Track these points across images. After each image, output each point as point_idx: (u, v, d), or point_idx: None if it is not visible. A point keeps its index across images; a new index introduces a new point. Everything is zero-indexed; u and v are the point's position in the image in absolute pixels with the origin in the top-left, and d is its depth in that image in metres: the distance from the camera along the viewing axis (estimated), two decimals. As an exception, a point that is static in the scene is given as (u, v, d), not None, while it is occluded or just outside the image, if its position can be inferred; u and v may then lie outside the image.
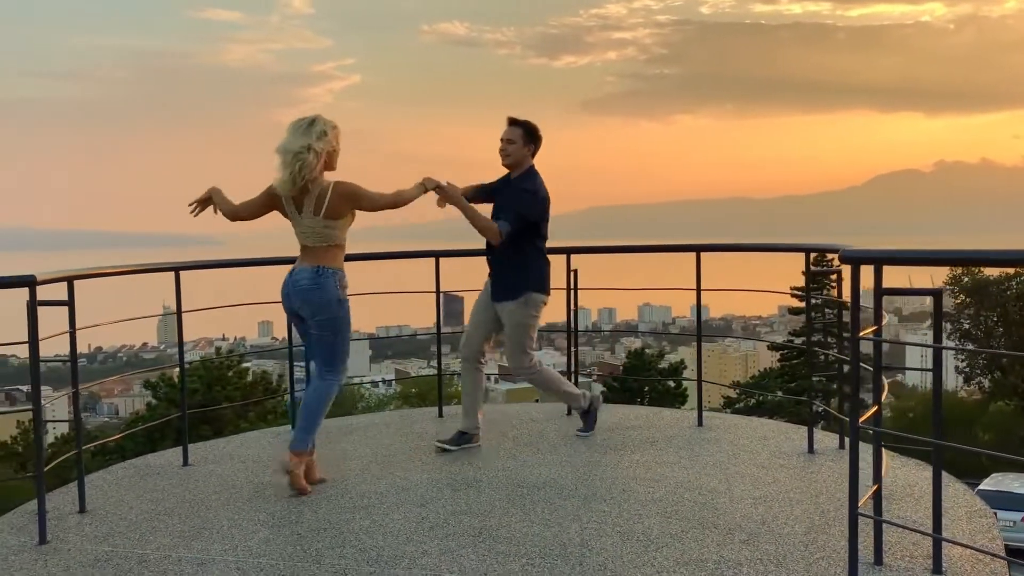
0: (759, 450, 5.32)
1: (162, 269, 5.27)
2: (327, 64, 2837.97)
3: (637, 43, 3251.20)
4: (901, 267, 3.22)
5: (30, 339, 4.07)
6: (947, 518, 4.02)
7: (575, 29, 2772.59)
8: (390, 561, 3.68)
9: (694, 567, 3.52)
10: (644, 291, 7.42)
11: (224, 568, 3.68)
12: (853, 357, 3.12)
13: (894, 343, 3.32)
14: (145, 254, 38.62)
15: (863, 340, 3.15)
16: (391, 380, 58.98)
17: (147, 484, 5.03)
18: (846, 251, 3.07)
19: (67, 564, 3.80)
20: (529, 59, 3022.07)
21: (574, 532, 3.95)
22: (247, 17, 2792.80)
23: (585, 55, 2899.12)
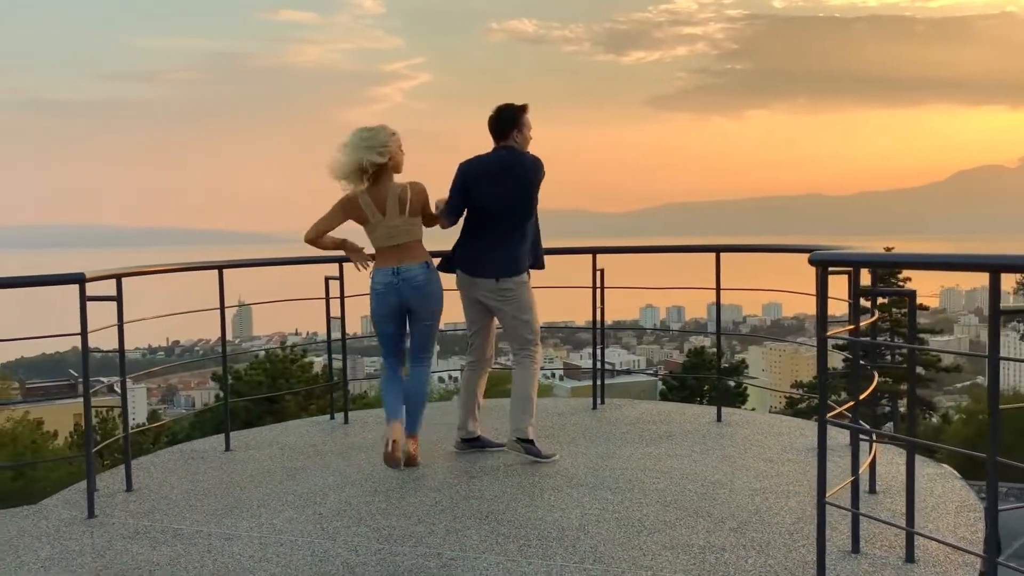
0: (771, 445, 5.48)
1: (205, 267, 5.65)
2: (397, 63, 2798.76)
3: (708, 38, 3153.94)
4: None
5: (82, 331, 4.47)
6: (936, 512, 4.17)
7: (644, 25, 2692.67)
8: (399, 539, 3.98)
9: (679, 551, 3.74)
10: (666, 290, 7.58)
11: (248, 543, 4.02)
12: (820, 354, 3.30)
13: (869, 343, 3.48)
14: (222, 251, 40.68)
15: (831, 338, 3.32)
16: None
17: (190, 467, 5.42)
18: (815, 254, 3.25)
19: (109, 536, 4.19)
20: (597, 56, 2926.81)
21: (574, 518, 4.19)
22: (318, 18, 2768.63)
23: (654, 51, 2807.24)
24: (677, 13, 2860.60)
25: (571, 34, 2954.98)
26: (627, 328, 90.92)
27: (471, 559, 3.71)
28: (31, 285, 4.29)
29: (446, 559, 3.73)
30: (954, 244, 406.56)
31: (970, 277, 40.03)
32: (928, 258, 2.89)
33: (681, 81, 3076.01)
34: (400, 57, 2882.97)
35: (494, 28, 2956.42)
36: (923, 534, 3.55)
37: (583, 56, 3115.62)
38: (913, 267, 3.23)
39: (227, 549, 3.95)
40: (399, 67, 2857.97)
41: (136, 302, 5.04)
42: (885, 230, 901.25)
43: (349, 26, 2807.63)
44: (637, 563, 3.62)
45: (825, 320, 3.29)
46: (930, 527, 3.92)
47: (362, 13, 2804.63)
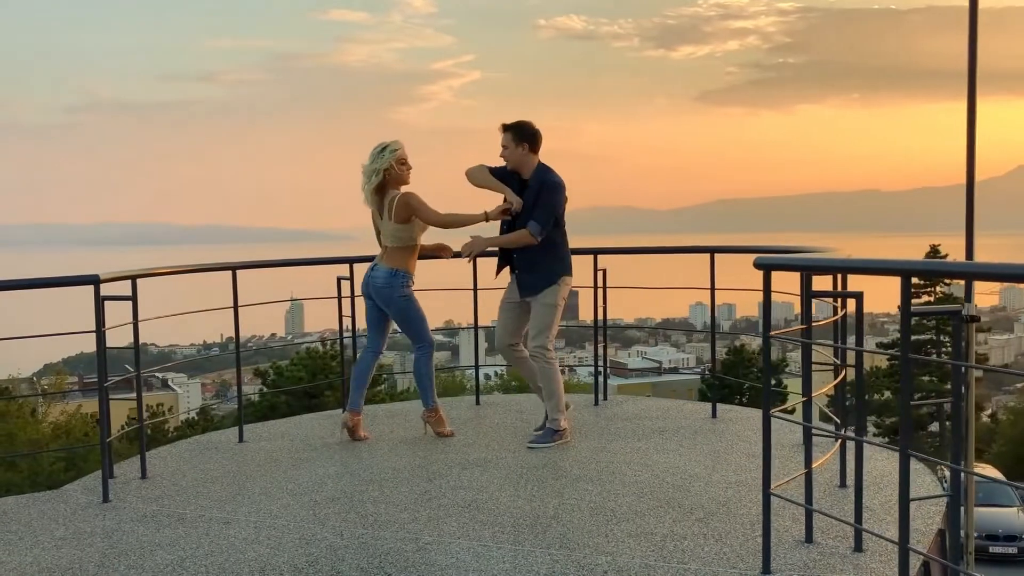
0: (757, 441, 5.63)
1: (220, 268, 5.97)
2: (447, 62, 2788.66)
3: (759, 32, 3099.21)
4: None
5: (97, 329, 4.81)
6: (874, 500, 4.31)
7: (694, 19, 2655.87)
8: (383, 525, 4.24)
9: (642, 539, 3.95)
10: (665, 290, 7.74)
11: (244, 526, 4.31)
12: (765, 354, 3.49)
13: (816, 343, 3.66)
14: (277, 249, 41.41)
15: (775, 338, 3.51)
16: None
17: (203, 457, 5.75)
18: (759, 258, 3.44)
19: (119, 519, 4.52)
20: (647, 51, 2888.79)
21: (551, 507, 4.42)
22: (370, 17, 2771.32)
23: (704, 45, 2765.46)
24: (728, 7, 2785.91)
25: (620, 30, 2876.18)
26: (630, 327, 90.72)
27: (446, 544, 3.96)
28: (48, 286, 4.63)
29: (422, 544, 3.98)
30: (1007, 239, 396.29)
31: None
32: (847, 263, 3.07)
33: (732, 76, 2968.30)
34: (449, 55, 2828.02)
35: (542, 25, 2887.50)
36: (863, 528, 3.72)
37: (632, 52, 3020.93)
38: (830, 271, 3.41)
39: (224, 532, 4.25)
40: (448, 65, 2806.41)
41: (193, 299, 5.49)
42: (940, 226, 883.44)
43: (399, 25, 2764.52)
44: (600, 549, 3.84)
45: (769, 320, 3.47)
46: (888, 519, 4.08)
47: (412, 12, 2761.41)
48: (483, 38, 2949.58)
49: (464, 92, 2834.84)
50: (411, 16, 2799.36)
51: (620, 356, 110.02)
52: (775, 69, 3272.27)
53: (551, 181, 5.64)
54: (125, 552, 4.04)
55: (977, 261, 3.17)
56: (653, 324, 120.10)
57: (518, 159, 5.66)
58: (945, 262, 2.79)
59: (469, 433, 6.08)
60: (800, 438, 5.68)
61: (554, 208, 5.62)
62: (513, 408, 6.93)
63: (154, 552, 4.02)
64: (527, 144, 5.64)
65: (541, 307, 5.69)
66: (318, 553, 3.92)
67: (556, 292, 5.68)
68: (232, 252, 19.49)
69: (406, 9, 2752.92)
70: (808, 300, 3.76)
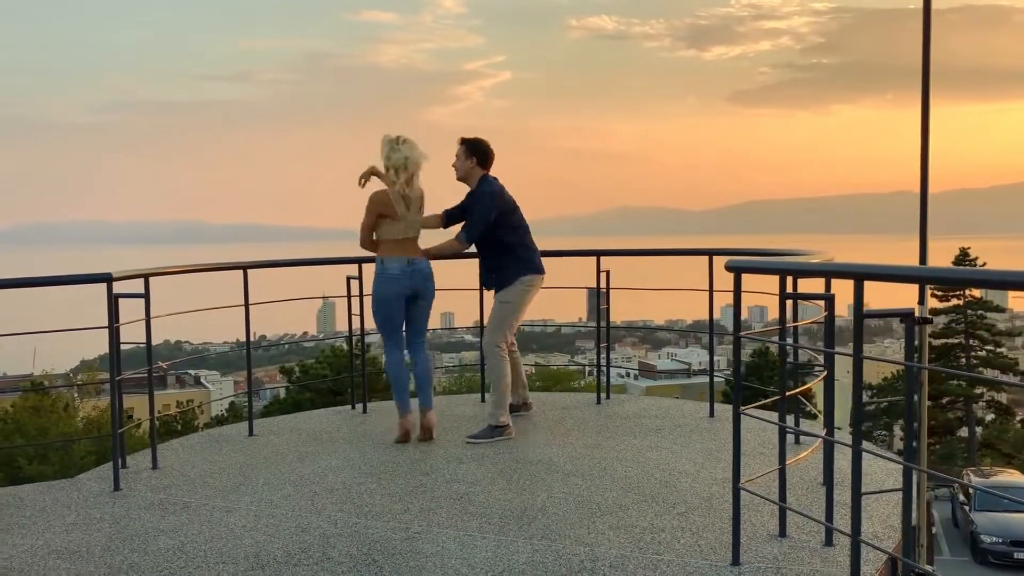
0: (750, 440, 5.75)
1: (231, 267, 6.19)
2: (478, 62, 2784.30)
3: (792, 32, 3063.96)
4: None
5: (110, 325, 5.04)
6: (879, 502, 4.42)
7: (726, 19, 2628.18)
8: (376, 515, 4.42)
9: (622, 531, 4.09)
10: (667, 291, 7.82)
11: (244, 515, 4.51)
12: (735, 353, 3.62)
13: (795, 345, 3.78)
14: (312, 248, 41.71)
15: (744, 338, 3.64)
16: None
17: (213, 449, 5.96)
18: (731, 261, 3.58)
19: (128, 507, 4.74)
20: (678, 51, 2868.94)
21: (540, 500, 4.58)
22: (401, 18, 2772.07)
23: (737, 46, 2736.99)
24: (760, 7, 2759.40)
25: (652, 30, 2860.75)
26: (636, 328, 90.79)
27: (434, 534, 4.13)
28: (61, 284, 4.86)
29: (411, 533, 4.15)
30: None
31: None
32: (800, 266, 3.20)
33: (765, 76, 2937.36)
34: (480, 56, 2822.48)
35: (573, 25, 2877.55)
36: (823, 522, 3.83)
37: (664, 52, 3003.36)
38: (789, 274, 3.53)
39: (224, 519, 4.45)
40: (479, 66, 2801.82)
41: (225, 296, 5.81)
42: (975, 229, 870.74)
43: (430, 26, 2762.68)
44: (580, 540, 3.99)
45: (739, 320, 3.60)
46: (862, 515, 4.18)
47: (443, 13, 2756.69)
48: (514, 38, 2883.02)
49: (495, 92, 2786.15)
50: (442, 16, 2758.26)
51: (650, 358, 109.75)
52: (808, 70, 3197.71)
53: (479, 191, 5.99)
54: (130, 537, 4.25)
55: (929, 265, 3.27)
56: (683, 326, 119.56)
57: (466, 171, 6.04)
58: (897, 266, 2.92)
59: (471, 429, 6.24)
60: (791, 438, 5.81)
61: (480, 216, 5.93)
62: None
63: (157, 537, 4.23)
64: (476, 158, 6.02)
65: (497, 304, 6.09)
66: (311, 540, 4.11)
67: (512, 291, 6.03)
68: (264, 250, 19.93)
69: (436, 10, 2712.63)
70: (784, 302, 3.89)
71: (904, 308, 3.02)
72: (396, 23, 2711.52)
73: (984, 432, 36.47)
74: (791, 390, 4.06)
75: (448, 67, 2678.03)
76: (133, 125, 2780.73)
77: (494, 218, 5.94)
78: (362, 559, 3.86)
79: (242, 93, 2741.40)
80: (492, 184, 6.00)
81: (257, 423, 6.59)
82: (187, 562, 3.91)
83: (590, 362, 28.09)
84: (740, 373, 3.67)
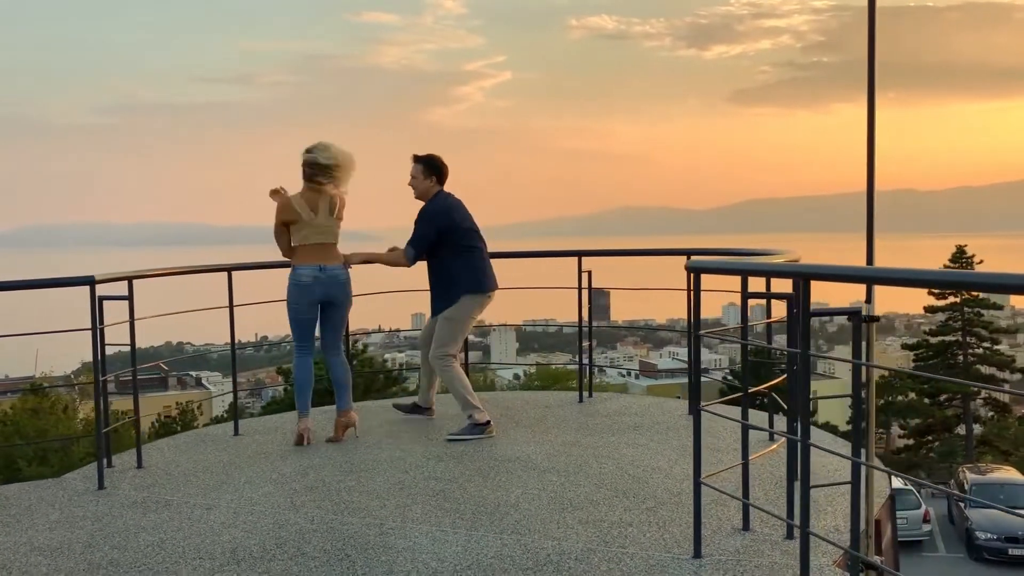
0: (726, 436, 5.86)
1: (216, 269, 6.29)
2: (478, 62, 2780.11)
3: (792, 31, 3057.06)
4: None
5: (92, 327, 5.14)
6: (841, 498, 4.51)
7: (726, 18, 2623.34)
8: (352, 512, 4.52)
9: (590, 525, 4.19)
10: (644, 291, 7.90)
11: (223, 512, 4.61)
12: (694, 352, 3.72)
13: (759, 345, 3.88)
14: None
15: (704, 336, 3.74)
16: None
17: (199, 448, 6.07)
18: (690, 262, 3.67)
19: (111, 505, 4.84)
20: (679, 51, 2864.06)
21: (514, 496, 4.68)
22: (402, 19, 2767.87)
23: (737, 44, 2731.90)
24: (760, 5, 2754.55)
25: (652, 29, 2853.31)
26: (615, 327, 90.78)
27: (407, 529, 4.23)
28: (44, 287, 4.96)
29: (385, 529, 4.25)
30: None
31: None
32: (747, 266, 3.30)
33: (765, 75, 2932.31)
34: (481, 56, 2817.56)
35: (574, 25, 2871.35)
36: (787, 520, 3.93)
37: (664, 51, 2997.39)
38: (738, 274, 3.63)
39: (204, 516, 4.55)
40: (480, 66, 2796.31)
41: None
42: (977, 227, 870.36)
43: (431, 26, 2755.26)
44: (549, 534, 4.09)
45: (699, 320, 3.70)
46: (829, 509, 4.28)
47: (444, 13, 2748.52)
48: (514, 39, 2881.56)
49: (496, 93, 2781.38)
50: (442, 17, 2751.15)
51: (652, 357, 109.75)
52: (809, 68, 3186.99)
53: (427, 208, 6.09)
54: (111, 534, 4.36)
55: (877, 266, 3.36)
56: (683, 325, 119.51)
57: (424, 189, 6.12)
58: (841, 267, 3.01)
59: (453, 428, 6.33)
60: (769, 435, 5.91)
61: (423, 233, 6.05)
62: (502, 404, 7.18)
63: (138, 535, 4.33)
64: (436, 177, 6.13)
65: (441, 321, 6.18)
66: (287, 536, 4.21)
67: (456, 308, 6.13)
68: (267, 252, 20.12)
69: (437, 10, 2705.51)
70: (745, 301, 3.98)
71: (851, 306, 3.11)
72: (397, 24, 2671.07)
73: (983, 429, 36.55)
74: (755, 387, 4.16)
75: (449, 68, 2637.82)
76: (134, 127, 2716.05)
77: (437, 236, 6.02)
78: (335, 554, 3.96)
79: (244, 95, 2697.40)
80: (445, 200, 6.10)
81: (243, 423, 6.70)
82: (165, 558, 4.01)
83: (571, 360, 28.07)
84: (699, 371, 3.77)
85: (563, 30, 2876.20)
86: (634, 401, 7.22)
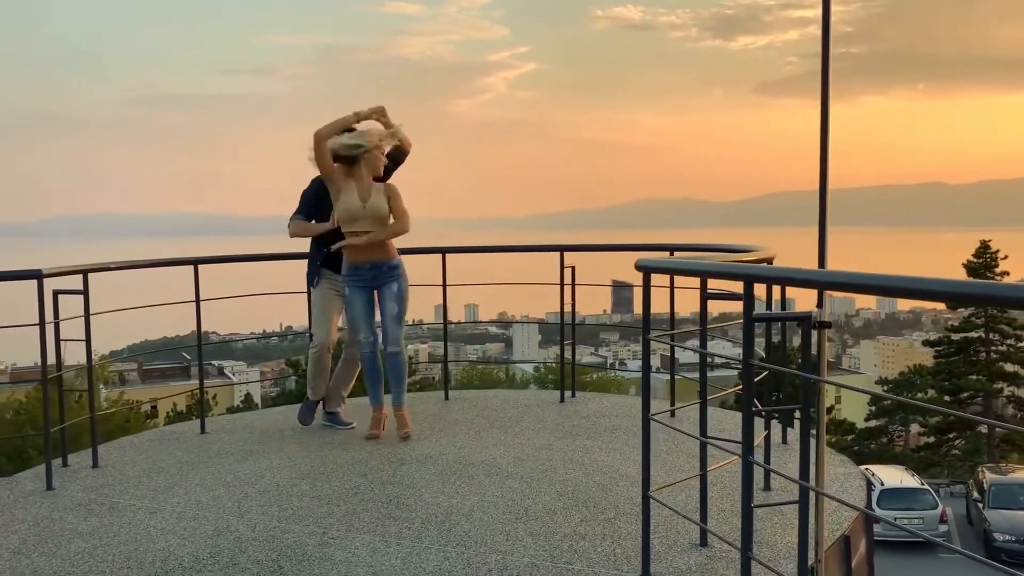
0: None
1: (181, 263, 6.10)
2: (502, 53, 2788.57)
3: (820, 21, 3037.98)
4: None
5: (40, 323, 4.96)
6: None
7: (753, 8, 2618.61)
8: (297, 519, 4.31)
9: (541, 538, 3.96)
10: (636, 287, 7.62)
11: (166, 516, 4.42)
12: (644, 356, 3.47)
13: (706, 352, 3.63)
14: None
15: (654, 341, 3.49)
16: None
17: (160, 447, 5.89)
18: (640, 261, 3.43)
19: (53, 507, 4.66)
20: (704, 41, 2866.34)
21: (469, 504, 4.45)
22: (426, 9, 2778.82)
23: (764, 35, 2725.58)
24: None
25: (677, 20, 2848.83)
26: (602, 326, 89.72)
27: (349, 539, 4.02)
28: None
29: (327, 538, 4.04)
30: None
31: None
32: (691, 265, 3.05)
33: (792, 66, 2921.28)
34: (505, 46, 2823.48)
35: (599, 15, 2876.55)
36: (709, 530, 3.68)
37: (690, 42, 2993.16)
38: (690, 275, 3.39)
39: (145, 521, 4.36)
40: (504, 57, 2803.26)
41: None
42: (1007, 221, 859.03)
43: (455, 17, 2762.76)
44: (495, 547, 3.86)
45: (648, 321, 3.45)
46: (790, 524, 4.03)
47: (467, 4, 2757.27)
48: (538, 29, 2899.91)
49: (519, 84, 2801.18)
50: (466, 8, 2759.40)
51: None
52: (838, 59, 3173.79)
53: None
54: (44, 539, 4.18)
55: (828, 269, 3.11)
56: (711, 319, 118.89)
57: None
58: (789, 268, 2.76)
59: (425, 428, 6.12)
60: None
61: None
62: (479, 403, 6.96)
63: (71, 540, 4.15)
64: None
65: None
66: (224, 544, 4.01)
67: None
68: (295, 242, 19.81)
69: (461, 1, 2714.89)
70: (704, 302, 3.74)
71: (801, 312, 2.86)
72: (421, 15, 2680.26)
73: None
74: (713, 394, 3.91)
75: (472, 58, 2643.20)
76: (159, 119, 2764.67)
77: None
78: (269, 565, 3.76)
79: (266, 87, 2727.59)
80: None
81: (213, 420, 6.52)
82: (94, 566, 3.82)
83: (555, 359, 27.38)
84: (649, 376, 3.53)
85: (588, 20, 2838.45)
86: (618, 402, 6.97)
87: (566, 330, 7.03)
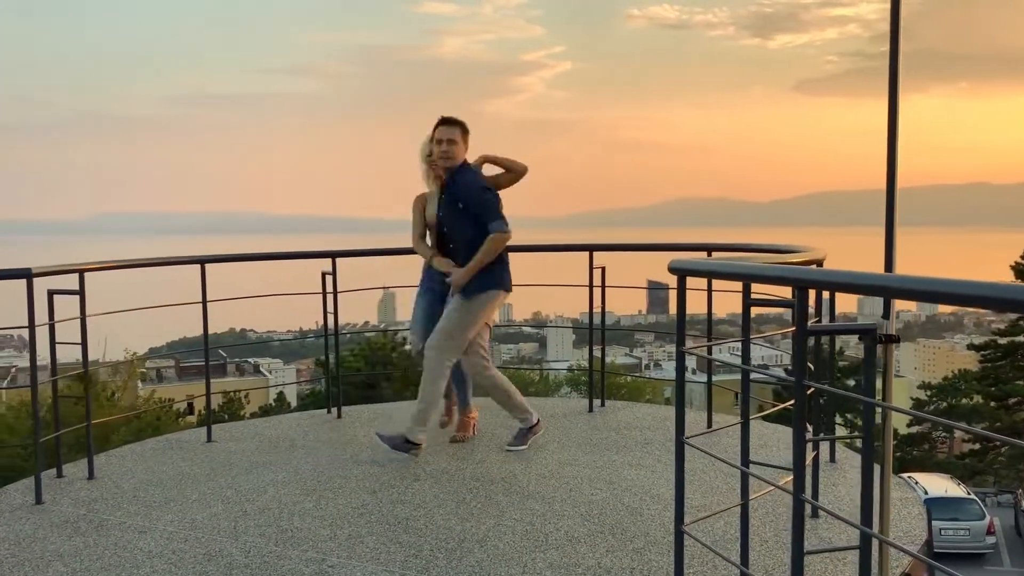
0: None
1: (187, 262, 5.76)
2: (538, 53, 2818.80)
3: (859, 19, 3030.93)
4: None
5: (29, 324, 4.63)
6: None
7: (791, 7, 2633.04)
8: (297, 543, 3.93)
9: (563, 571, 3.55)
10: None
11: (155, 536, 4.07)
12: (678, 371, 3.05)
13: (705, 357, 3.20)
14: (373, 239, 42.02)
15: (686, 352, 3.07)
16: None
17: (162, 457, 5.55)
18: (673, 262, 3.01)
19: (39, 524, 4.33)
20: (742, 40, 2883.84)
21: (484, 529, 4.05)
22: (461, 8, 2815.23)
23: (802, 33, 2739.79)
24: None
25: (714, 18, 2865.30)
26: (633, 329, 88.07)
27: (350, 568, 3.64)
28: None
29: (325, 566, 3.66)
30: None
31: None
32: (732, 268, 2.62)
33: (832, 65, 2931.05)
34: (540, 46, 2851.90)
35: (635, 15, 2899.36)
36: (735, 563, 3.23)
37: (727, 41, 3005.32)
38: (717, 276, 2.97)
39: (132, 542, 4.01)
40: (540, 56, 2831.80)
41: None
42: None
43: (490, 16, 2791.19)
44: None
45: (684, 329, 3.03)
46: (847, 557, 3.59)
47: (503, 3, 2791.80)
48: (574, 28, 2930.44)
49: (555, 83, 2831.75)
50: (501, 7, 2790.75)
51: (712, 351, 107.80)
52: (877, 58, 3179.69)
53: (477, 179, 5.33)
54: (23, 562, 3.84)
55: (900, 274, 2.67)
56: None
57: (461, 155, 5.34)
58: (852, 273, 2.33)
59: (443, 438, 5.74)
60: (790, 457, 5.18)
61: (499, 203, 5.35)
62: (503, 413, 6.54)
63: (51, 563, 3.81)
64: (467, 139, 5.39)
65: (461, 307, 5.36)
66: (213, 572, 3.64)
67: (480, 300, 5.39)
68: (324, 241, 19.67)
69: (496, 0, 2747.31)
70: (747, 308, 3.30)
71: (864, 323, 2.42)
72: (457, 14, 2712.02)
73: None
74: (756, 414, 3.48)
75: (508, 58, 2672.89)
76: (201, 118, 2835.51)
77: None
78: (258, 598, 3.39)
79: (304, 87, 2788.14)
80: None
81: (221, 428, 6.18)
82: (69, 594, 3.48)
83: (578, 366, 26.83)
84: (684, 393, 3.10)
85: (623, 19, 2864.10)
86: (650, 412, 6.52)
87: (595, 334, 6.60)
